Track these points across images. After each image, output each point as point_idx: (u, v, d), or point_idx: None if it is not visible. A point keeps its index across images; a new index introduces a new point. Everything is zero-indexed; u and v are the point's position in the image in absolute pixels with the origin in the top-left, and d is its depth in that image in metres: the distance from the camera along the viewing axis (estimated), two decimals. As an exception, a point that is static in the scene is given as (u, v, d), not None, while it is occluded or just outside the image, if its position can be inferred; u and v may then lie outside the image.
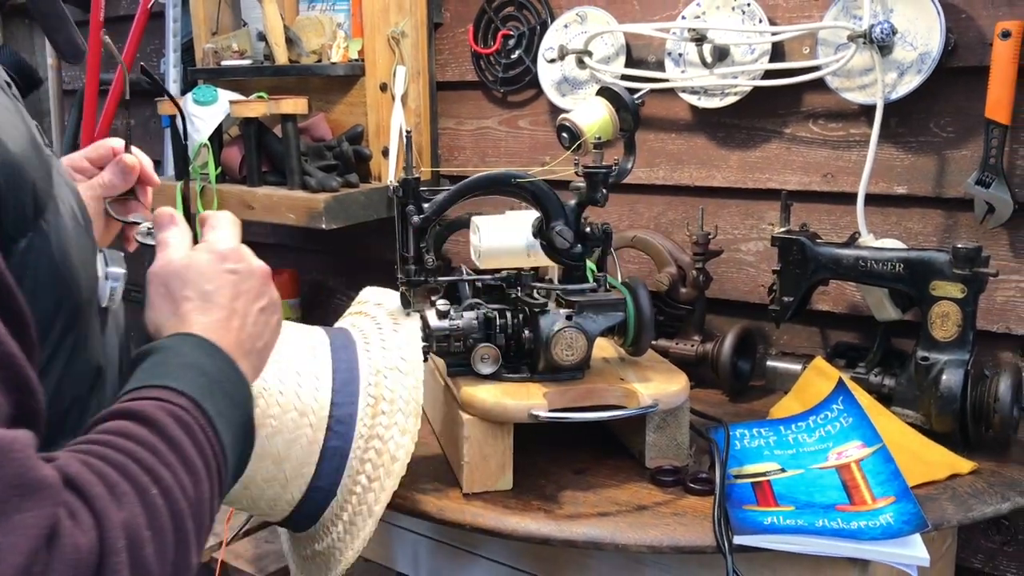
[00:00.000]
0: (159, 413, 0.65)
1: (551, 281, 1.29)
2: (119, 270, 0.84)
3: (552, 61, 1.67)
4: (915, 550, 1.02)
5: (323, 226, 1.72)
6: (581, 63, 1.64)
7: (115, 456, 0.60)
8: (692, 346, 1.53)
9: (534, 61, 1.74)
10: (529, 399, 1.15)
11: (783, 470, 1.19)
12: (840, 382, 1.29)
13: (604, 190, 1.20)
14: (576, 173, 1.22)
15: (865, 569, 1.08)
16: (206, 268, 0.80)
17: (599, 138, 1.23)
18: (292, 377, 1.09)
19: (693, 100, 1.57)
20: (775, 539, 1.04)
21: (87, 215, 0.81)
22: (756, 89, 1.50)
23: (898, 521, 1.04)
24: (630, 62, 1.63)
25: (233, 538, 1.56)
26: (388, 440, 1.08)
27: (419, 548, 1.43)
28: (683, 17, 1.54)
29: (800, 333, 1.57)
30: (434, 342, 1.19)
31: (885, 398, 1.34)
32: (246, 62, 1.94)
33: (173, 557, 0.59)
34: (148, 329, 0.79)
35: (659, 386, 1.19)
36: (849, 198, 1.44)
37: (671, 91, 1.58)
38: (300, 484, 1.08)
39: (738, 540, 1.05)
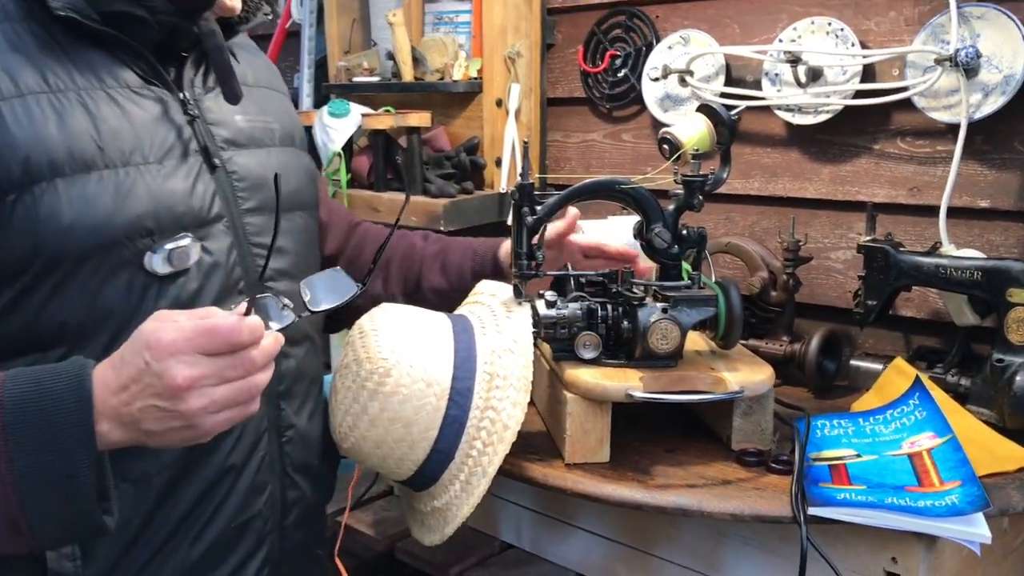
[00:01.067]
0: None
1: (649, 278, 1.42)
2: (188, 249, 1.04)
3: (656, 80, 1.81)
4: (978, 527, 1.12)
5: (442, 228, 1.90)
6: (683, 82, 1.78)
7: None
8: (781, 346, 1.64)
9: (639, 79, 1.89)
10: (626, 381, 1.29)
11: (859, 455, 1.29)
12: (917, 379, 1.39)
13: (700, 197, 1.34)
14: (675, 181, 1.36)
15: (931, 546, 1.18)
16: (135, 348, 0.89)
17: (697, 150, 1.37)
18: (420, 354, 1.25)
19: (788, 117, 1.69)
20: (846, 512, 1.15)
21: (188, 198, 1.05)
22: (847, 108, 1.61)
23: (963, 502, 1.14)
24: (729, 81, 1.76)
25: (355, 504, 1.74)
26: (501, 411, 1.24)
27: (522, 519, 1.58)
28: (780, 40, 1.66)
29: (884, 337, 1.67)
30: (542, 328, 1.34)
31: (961, 397, 1.43)
32: (375, 79, 2.15)
33: None
34: None
35: (746, 375, 1.32)
36: (933, 211, 1.54)
37: (767, 108, 1.71)
38: (424, 446, 1.24)
39: (812, 511, 1.16)
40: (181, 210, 1.06)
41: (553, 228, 1.41)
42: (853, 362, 1.60)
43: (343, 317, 1.32)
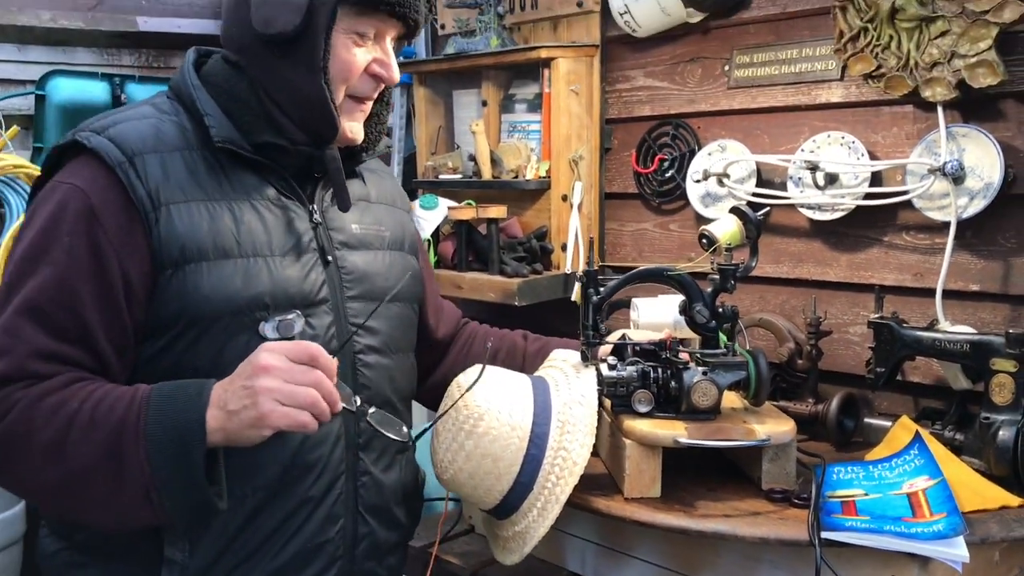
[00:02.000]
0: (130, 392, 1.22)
1: (692, 347, 1.74)
2: (295, 323, 1.36)
3: (698, 181, 2.15)
4: (958, 549, 1.39)
5: (516, 303, 2.24)
6: (721, 183, 2.11)
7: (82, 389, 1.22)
8: (807, 407, 1.93)
9: (683, 179, 2.22)
10: (674, 431, 1.59)
11: (866, 494, 1.57)
12: (917, 433, 1.67)
13: (733, 281, 1.65)
14: (712, 269, 1.68)
15: (924, 566, 1.45)
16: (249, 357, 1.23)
17: (730, 245, 1.69)
18: (508, 404, 1.57)
19: (809, 214, 2.01)
20: (853, 536, 1.43)
21: (301, 283, 1.38)
22: (859, 207, 1.92)
23: (947, 529, 1.42)
24: (760, 183, 2.08)
25: (443, 539, 2.05)
26: (572, 451, 1.54)
27: (586, 551, 1.88)
28: (802, 150, 1.99)
29: (895, 399, 1.95)
30: (605, 387, 1.65)
31: (956, 449, 1.70)
32: (457, 176, 2.52)
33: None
34: None
35: (772, 427, 1.61)
36: (933, 293, 1.83)
37: (792, 206, 2.03)
38: (508, 479, 1.55)
39: (825, 535, 1.44)
40: (293, 292, 1.37)
41: None
42: (867, 420, 1.88)
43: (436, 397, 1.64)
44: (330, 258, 1.45)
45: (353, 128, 1.44)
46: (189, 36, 3.77)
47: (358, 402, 1.33)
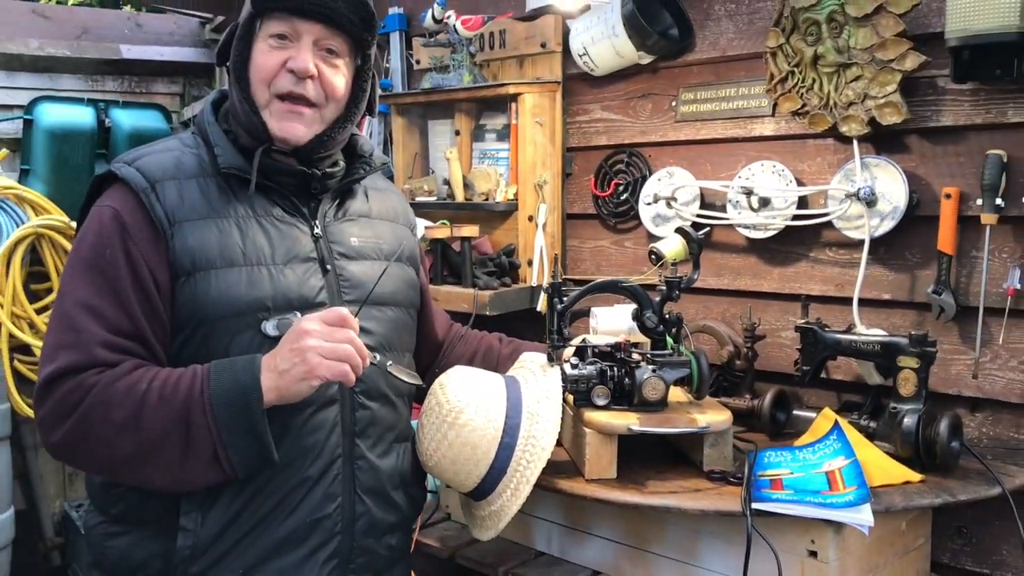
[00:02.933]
0: (191, 371, 1.44)
1: (644, 349, 1.99)
2: (282, 318, 1.53)
3: (649, 204, 2.42)
4: (864, 515, 1.65)
5: (487, 313, 2.48)
6: (669, 205, 2.38)
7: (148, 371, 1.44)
8: (745, 402, 2.19)
9: (636, 202, 2.49)
10: (627, 420, 1.84)
11: (792, 473, 1.84)
12: (836, 422, 1.94)
13: (678, 292, 1.92)
14: (660, 281, 1.94)
15: (839, 532, 1.71)
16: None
17: (675, 260, 1.95)
18: (484, 400, 1.80)
19: (746, 233, 2.28)
20: (778, 506, 1.69)
21: (300, 288, 1.56)
22: (788, 226, 2.20)
23: (856, 499, 1.68)
24: (703, 205, 2.36)
25: (424, 524, 2.28)
26: (540, 439, 1.78)
27: (552, 532, 2.12)
28: (739, 177, 2.27)
29: (822, 394, 2.22)
30: (568, 384, 1.89)
31: (870, 435, 1.97)
32: (433, 199, 2.76)
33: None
34: None
35: (711, 417, 1.87)
36: (851, 301, 2.11)
37: (731, 226, 2.30)
38: (485, 464, 1.78)
39: (755, 506, 1.70)
40: (292, 295, 1.55)
41: None
42: (797, 412, 2.15)
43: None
44: (329, 267, 1.62)
45: (285, 128, 1.56)
46: (170, 63, 3.98)
47: (376, 357, 1.59)
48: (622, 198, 2.55)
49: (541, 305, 2.51)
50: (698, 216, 2.33)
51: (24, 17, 3.74)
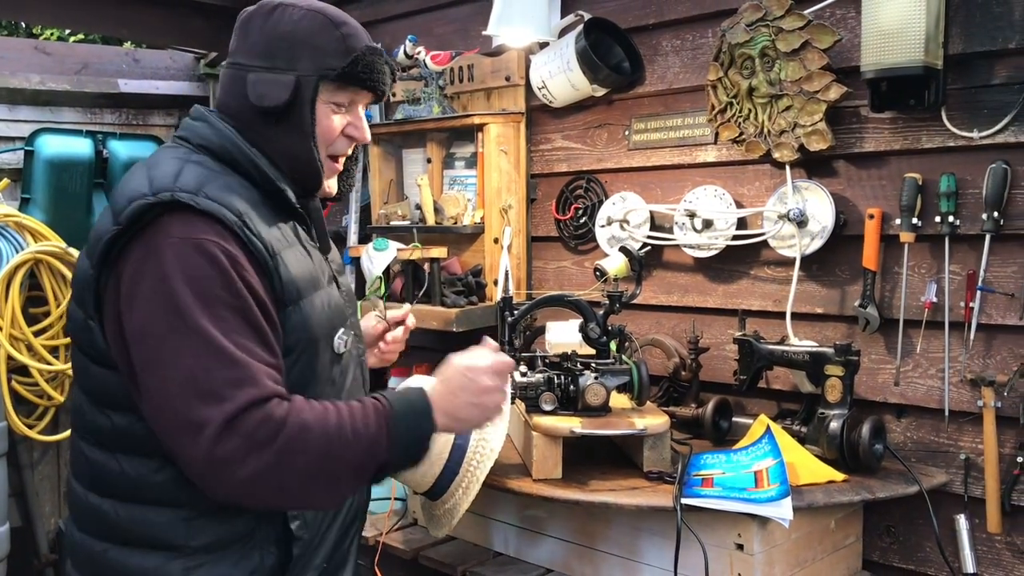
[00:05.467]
0: (375, 400, 1.46)
1: (588, 358, 2.14)
2: (346, 336, 1.59)
3: (604, 226, 2.58)
4: (784, 510, 1.78)
5: (454, 329, 2.63)
6: (622, 227, 2.54)
7: (330, 404, 1.41)
8: (690, 411, 2.34)
9: (594, 225, 2.65)
10: (571, 424, 1.99)
11: (723, 473, 1.98)
12: (768, 427, 2.08)
13: (619, 305, 2.07)
14: (603, 295, 2.09)
15: (763, 527, 1.85)
16: (457, 370, 1.52)
17: (617, 276, 2.11)
18: (438, 405, 1.96)
19: (692, 252, 2.44)
20: (705, 501, 1.83)
21: (342, 304, 1.61)
22: (729, 246, 2.36)
23: (778, 494, 1.82)
24: (653, 227, 2.52)
25: (390, 530, 2.42)
26: (490, 440, 1.93)
27: (508, 533, 2.26)
28: (685, 200, 2.43)
29: (763, 403, 2.36)
30: (518, 391, 2.05)
31: (801, 439, 2.11)
32: (406, 222, 2.92)
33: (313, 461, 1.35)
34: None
35: (650, 421, 2.02)
36: (785, 315, 2.26)
37: (678, 246, 2.46)
38: (440, 464, 1.92)
39: (685, 501, 1.84)
40: (341, 312, 1.60)
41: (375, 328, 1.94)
42: (737, 419, 2.29)
43: None
44: (340, 284, 1.67)
45: (330, 184, 1.64)
46: (166, 96, 4.17)
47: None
48: (581, 221, 2.71)
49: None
50: (648, 237, 2.49)
51: (26, 53, 3.93)
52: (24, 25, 6.48)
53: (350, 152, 1.66)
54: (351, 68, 1.52)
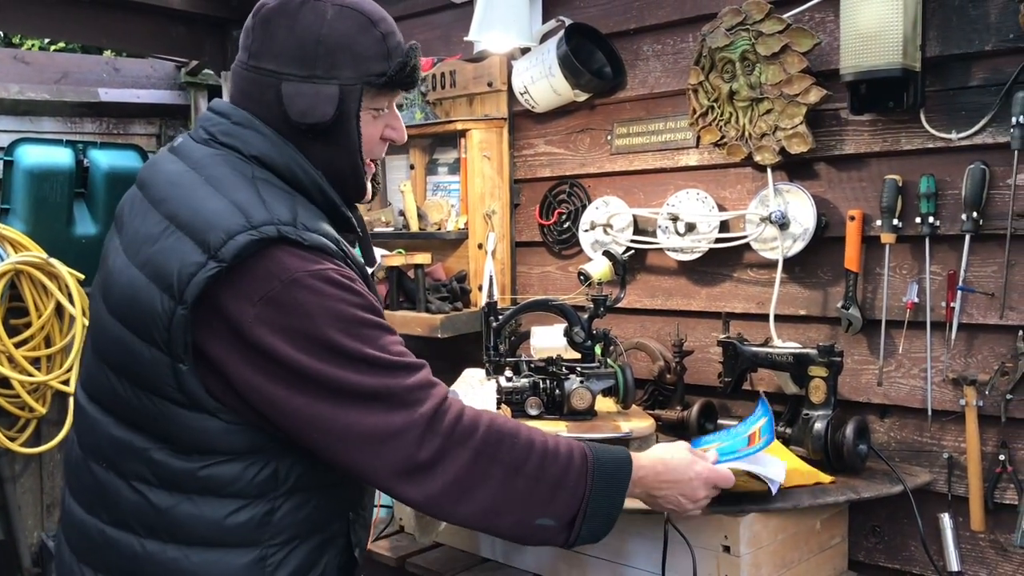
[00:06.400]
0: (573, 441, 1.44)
1: (574, 362, 2.14)
2: None
3: (587, 231, 2.59)
4: (775, 470, 1.73)
5: (439, 336, 2.63)
6: (606, 232, 2.55)
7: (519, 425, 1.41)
8: (676, 414, 2.34)
9: (577, 229, 2.66)
10: (557, 428, 1.99)
11: (722, 443, 1.83)
12: (761, 396, 2.02)
13: (603, 309, 2.07)
14: (587, 300, 2.10)
15: (750, 526, 1.85)
16: (681, 454, 1.57)
17: (601, 280, 2.12)
18: (424, 411, 1.96)
19: (675, 256, 2.45)
20: None
21: None
22: (712, 249, 2.37)
23: (765, 443, 1.72)
24: (636, 231, 2.52)
25: (376, 537, 2.41)
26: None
27: (495, 539, 2.25)
28: (668, 204, 2.44)
29: (748, 405, 2.36)
30: (504, 395, 2.05)
31: (786, 441, 2.12)
32: (390, 229, 2.92)
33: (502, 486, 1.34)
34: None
35: (635, 424, 2.02)
36: (769, 317, 2.27)
37: (661, 250, 2.47)
38: (426, 471, 1.93)
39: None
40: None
41: None
42: (722, 422, 2.29)
43: None
44: None
45: (369, 189, 1.56)
46: (147, 105, 4.16)
47: None
48: (565, 226, 2.71)
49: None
50: (632, 241, 2.50)
51: (5, 63, 3.91)
52: (2, 35, 6.44)
53: (384, 153, 1.58)
54: (398, 74, 1.42)
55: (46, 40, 6.15)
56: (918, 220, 2.05)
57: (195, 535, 1.36)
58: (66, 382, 3.35)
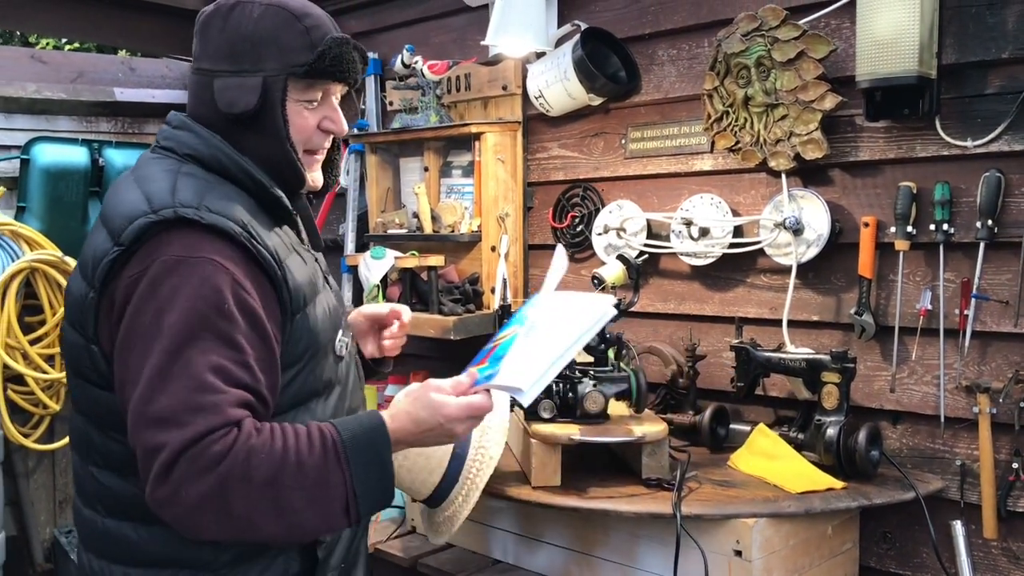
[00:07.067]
0: (323, 427, 1.37)
1: (587, 365, 2.15)
2: (346, 339, 1.59)
3: (600, 234, 2.59)
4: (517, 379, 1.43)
5: (452, 337, 2.64)
6: (619, 235, 2.55)
7: (279, 430, 1.34)
8: (688, 418, 2.35)
9: (590, 233, 2.66)
10: (569, 431, 2.00)
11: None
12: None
13: (617, 313, 2.08)
14: (601, 303, 2.10)
15: (762, 531, 1.86)
16: (425, 403, 1.44)
17: (615, 284, 2.12)
18: (437, 413, 1.96)
19: (689, 260, 2.45)
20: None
21: (338, 307, 1.58)
22: (726, 254, 2.37)
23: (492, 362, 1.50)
24: (650, 235, 2.53)
25: (388, 537, 2.42)
26: (489, 448, 1.93)
27: (507, 541, 2.26)
28: (681, 209, 2.45)
29: (761, 410, 2.37)
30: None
31: (799, 446, 2.12)
32: (403, 231, 2.93)
33: (259, 491, 1.29)
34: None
35: (648, 428, 2.03)
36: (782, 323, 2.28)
37: (675, 254, 2.47)
38: (440, 472, 1.93)
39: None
40: (339, 314, 1.59)
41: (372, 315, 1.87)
42: (735, 426, 2.30)
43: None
44: (331, 284, 1.65)
45: (314, 177, 1.59)
46: (162, 105, 4.17)
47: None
48: (578, 229, 2.72)
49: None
50: (645, 245, 2.51)
51: (22, 62, 3.93)
52: (19, 34, 6.48)
53: (328, 145, 1.61)
54: (318, 63, 1.47)
55: (62, 40, 6.18)
56: (932, 227, 2.05)
57: (142, 512, 1.39)
58: (80, 380, 3.36)
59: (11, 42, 6.59)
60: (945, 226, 2.04)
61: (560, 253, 1.76)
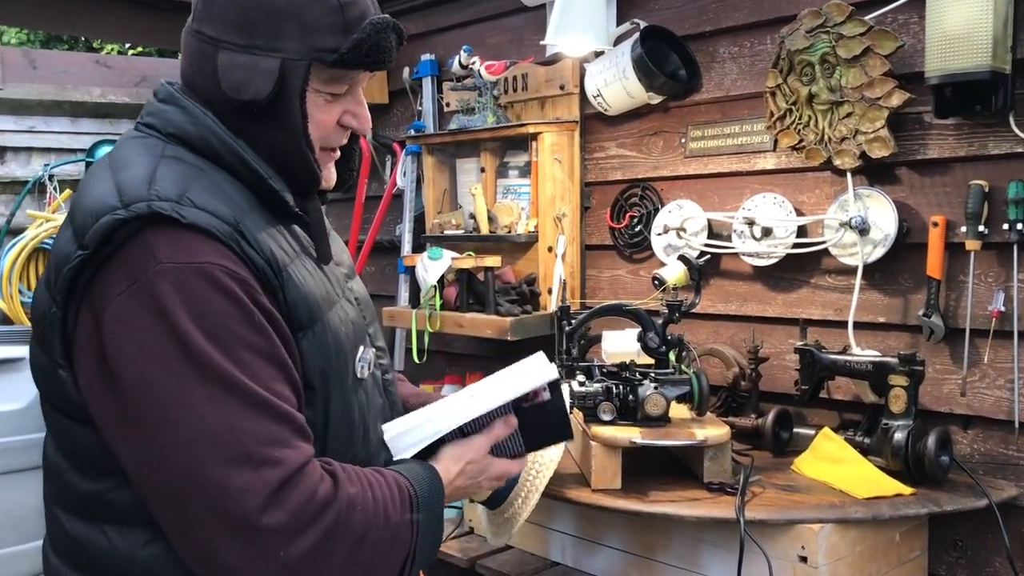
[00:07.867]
0: (398, 478, 1.27)
1: (647, 367, 2.13)
2: (369, 357, 1.37)
3: (660, 234, 2.57)
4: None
5: (509, 338, 2.64)
6: (679, 235, 2.52)
7: (365, 477, 1.21)
8: (750, 421, 2.31)
9: (649, 233, 2.64)
10: (631, 434, 1.98)
11: None
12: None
13: (678, 314, 2.06)
14: (662, 304, 2.08)
15: (828, 537, 1.82)
16: (472, 455, 1.41)
17: (676, 286, 2.10)
18: (497, 414, 1.96)
19: (751, 260, 2.42)
20: None
21: (359, 319, 1.37)
22: (789, 254, 2.33)
23: None
24: (711, 235, 2.50)
25: (447, 538, 2.42)
26: (548, 450, 1.93)
27: (565, 543, 2.25)
28: (743, 208, 2.41)
29: (825, 413, 2.33)
30: (576, 400, 2.04)
31: (865, 451, 2.07)
32: (460, 232, 2.94)
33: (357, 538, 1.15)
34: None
35: (710, 431, 2.00)
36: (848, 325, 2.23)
37: (736, 255, 2.44)
38: (500, 474, 1.93)
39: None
40: (361, 328, 1.37)
41: None
42: (798, 430, 2.26)
43: None
44: (353, 289, 1.44)
45: (328, 176, 1.36)
46: (222, 108, 4.25)
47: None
48: (636, 229, 2.70)
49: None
50: (706, 246, 2.47)
51: (87, 67, 4.03)
52: (84, 39, 6.64)
53: (346, 140, 1.37)
54: (352, 53, 1.22)
55: (126, 45, 6.32)
56: (1005, 227, 1.99)
57: (112, 570, 1.19)
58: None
59: (76, 48, 6.76)
60: (1019, 225, 1.97)
61: (536, 361, 1.52)
